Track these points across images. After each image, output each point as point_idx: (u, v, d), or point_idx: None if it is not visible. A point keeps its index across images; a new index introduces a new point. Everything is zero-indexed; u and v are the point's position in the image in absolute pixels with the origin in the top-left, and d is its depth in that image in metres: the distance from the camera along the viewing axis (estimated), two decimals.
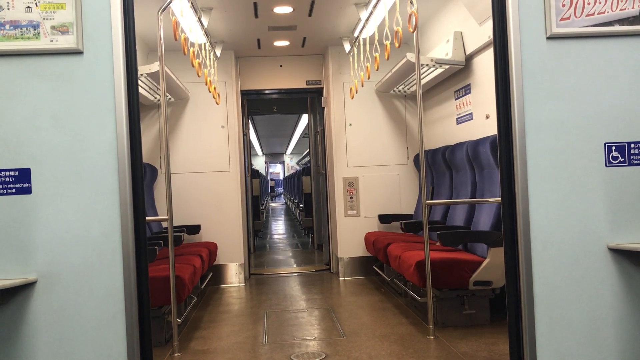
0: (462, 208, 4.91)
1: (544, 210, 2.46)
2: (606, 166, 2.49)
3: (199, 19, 4.72)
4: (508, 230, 2.50)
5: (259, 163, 32.01)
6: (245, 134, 7.41)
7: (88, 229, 2.37)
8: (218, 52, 6.03)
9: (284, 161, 34.95)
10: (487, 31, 4.37)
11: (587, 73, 2.49)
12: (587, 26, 2.48)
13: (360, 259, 6.44)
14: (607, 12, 2.49)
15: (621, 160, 2.50)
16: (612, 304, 2.46)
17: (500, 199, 2.58)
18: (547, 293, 2.44)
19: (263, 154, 32.22)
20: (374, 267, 6.16)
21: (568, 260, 2.45)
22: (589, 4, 2.48)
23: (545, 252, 2.45)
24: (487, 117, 4.57)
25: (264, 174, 29.82)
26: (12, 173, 2.36)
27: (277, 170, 36.73)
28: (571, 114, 2.48)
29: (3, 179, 2.36)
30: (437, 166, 5.71)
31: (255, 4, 5.04)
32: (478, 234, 4.32)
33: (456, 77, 5.27)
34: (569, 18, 2.47)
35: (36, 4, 2.39)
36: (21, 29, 2.38)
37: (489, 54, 4.49)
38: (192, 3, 4.34)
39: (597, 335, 2.45)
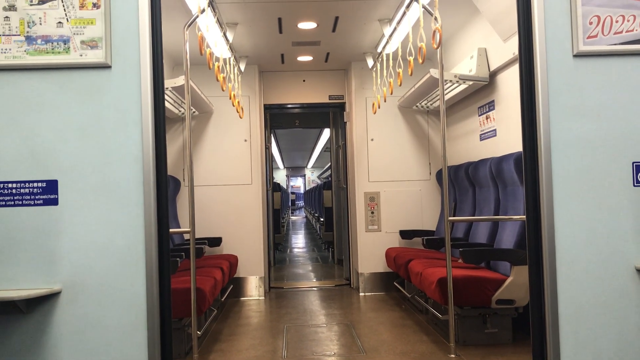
0: (485, 225, 4.86)
1: (569, 229, 2.43)
2: (634, 185, 2.45)
3: (224, 34, 4.77)
4: (533, 249, 2.47)
5: (280, 176, 32.13)
6: (268, 148, 7.44)
7: (112, 240, 2.39)
8: (242, 66, 6.09)
9: (305, 175, 35.03)
10: (511, 48, 4.35)
11: (615, 91, 2.47)
12: (615, 44, 2.46)
13: (381, 275, 6.40)
14: (636, 30, 2.46)
15: None
16: None
17: (524, 216, 2.55)
18: (572, 314, 2.40)
19: (284, 167, 32.34)
20: (394, 283, 6.11)
21: (594, 281, 2.41)
22: (617, 22, 2.46)
23: (571, 272, 2.41)
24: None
25: (285, 187, 29.88)
26: (40, 184, 2.41)
27: (298, 183, 36.80)
28: (598, 132, 2.45)
29: (31, 190, 2.40)
30: (460, 182, 5.66)
31: (279, 20, 5.09)
32: (501, 252, 4.26)
33: (480, 93, 5.25)
34: (596, 36, 2.45)
35: (67, 19, 2.44)
36: (52, 43, 2.44)
37: (513, 70, 4.47)
38: (217, 18, 4.40)
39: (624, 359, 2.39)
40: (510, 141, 4.58)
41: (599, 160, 2.45)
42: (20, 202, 2.40)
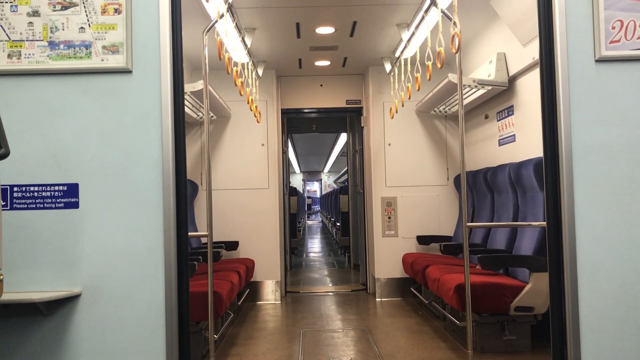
0: (504, 231, 4.82)
1: (591, 236, 2.40)
2: None
3: (243, 39, 4.80)
4: (553, 256, 2.44)
5: (296, 181, 32.16)
6: (285, 152, 7.45)
7: (132, 243, 2.41)
8: (260, 71, 6.11)
9: (321, 179, 35.02)
10: (531, 52, 4.31)
11: (638, 96, 2.43)
12: (639, 49, 2.42)
13: (398, 280, 6.37)
14: None
15: None
16: None
17: (544, 222, 2.52)
18: (594, 322, 2.36)
19: (301, 171, 32.38)
20: (411, 288, 6.07)
21: (617, 289, 2.37)
22: None
23: (593, 279, 2.38)
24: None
25: (301, 191, 29.90)
26: (61, 188, 2.44)
27: (314, 188, 36.79)
28: (620, 138, 2.42)
29: (52, 193, 2.43)
30: (478, 188, 5.62)
31: (297, 25, 5.11)
32: (520, 259, 4.22)
33: (499, 98, 5.21)
34: (619, 41, 2.42)
35: (89, 24, 2.47)
36: (74, 48, 2.47)
37: (533, 75, 4.43)
38: (236, 23, 4.42)
39: None
40: (529, 147, 4.54)
41: (622, 166, 2.42)
42: (42, 205, 2.43)
